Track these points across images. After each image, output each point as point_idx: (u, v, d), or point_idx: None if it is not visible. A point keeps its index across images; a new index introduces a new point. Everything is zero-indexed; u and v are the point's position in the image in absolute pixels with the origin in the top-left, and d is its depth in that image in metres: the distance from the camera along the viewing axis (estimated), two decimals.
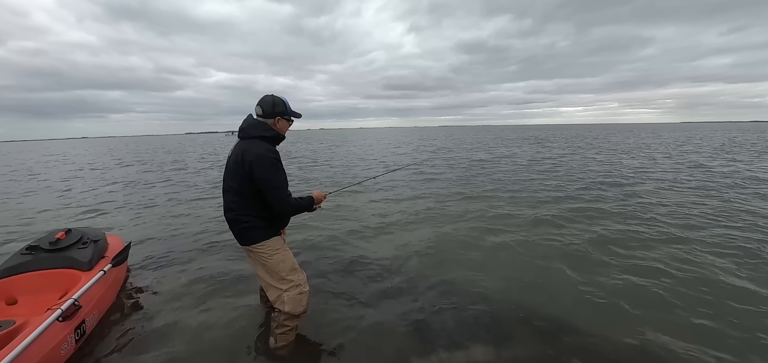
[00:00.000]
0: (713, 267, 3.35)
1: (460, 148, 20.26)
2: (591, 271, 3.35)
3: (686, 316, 2.60)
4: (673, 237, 4.20)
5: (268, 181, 2.00)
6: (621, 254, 3.72)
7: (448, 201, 6.46)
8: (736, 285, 3.02)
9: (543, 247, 3.99)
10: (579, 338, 2.38)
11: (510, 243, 4.13)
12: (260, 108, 2.12)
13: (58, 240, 2.88)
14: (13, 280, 2.57)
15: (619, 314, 2.64)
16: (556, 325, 2.53)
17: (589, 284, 3.09)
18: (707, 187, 7.12)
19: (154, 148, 33.29)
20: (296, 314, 2.17)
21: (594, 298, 2.87)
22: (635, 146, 18.96)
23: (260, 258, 2.15)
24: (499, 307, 2.77)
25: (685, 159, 12.43)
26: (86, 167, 15.66)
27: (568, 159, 13.17)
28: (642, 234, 4.33)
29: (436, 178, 9.18)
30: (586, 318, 2.59)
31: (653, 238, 4.17)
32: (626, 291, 2.96)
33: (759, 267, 3.34)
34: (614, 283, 3.10)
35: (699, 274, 3.22)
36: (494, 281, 3.19)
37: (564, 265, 3.49)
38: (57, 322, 2.05)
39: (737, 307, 2.69)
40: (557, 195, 6.75)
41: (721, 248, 3.81)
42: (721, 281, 3.08)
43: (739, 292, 2.89)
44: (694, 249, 3.81)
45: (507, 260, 3.67)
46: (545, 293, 2.96)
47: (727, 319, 2.55)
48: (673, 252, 3.73)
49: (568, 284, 3.11)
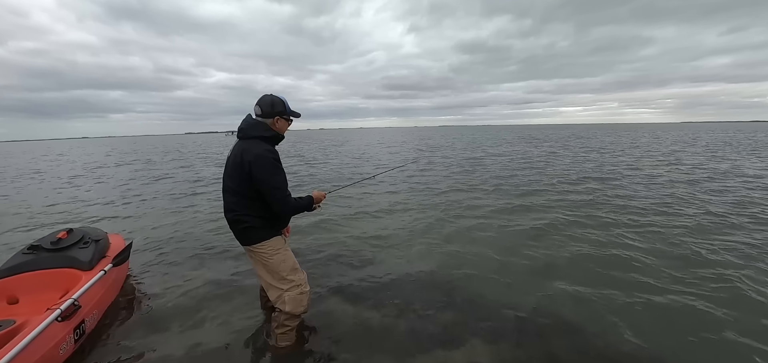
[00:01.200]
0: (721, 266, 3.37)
1: (460, 148, 20.27)
2: (591, 270, 3.36)
3: (686, 315, 2.61)
4: (670, 235, 4.22)
5: (267, 182, 2.00)
6: (621, 254, 3.72)
7: (448, 201, 6.46)
8: (740, 286, 3.04)
9: (543, 247, 3.99)
10: (579, 338, 2.38)
11: (510, 243, 4.14)
12: (259, 108, 2.11)
13: (60, 239, 2.89)
14: (14, 279, 2.58)
15: (619, 314, 2.64)
16: (556, 325, 2.53)
17: (590, 284, 3.09)
18: (698, 183, 7.16)
19: (155, 148, 33.32)
20: (297, 314, 2.18)
21: (594, 298, 2.87)
22: (638, 146, 18.99)
23: (261, 258, 2.15)
24: (499, 306, 2.77)
25: (694, 160, 12.44)
26: (87, 167, 15.67)
27: (581, 160, 13.17)
28: (644, 234, 4.34)
29: (435, 177, 9.18)
30: (586, 318, 2.60)
31: (654, 237, 4.17)
32: (626, 291, 2.96)
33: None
34: (614, 283, 3.10)
35: (699, 275, 3.23)
36: (494, 281, 3.20)
37: (565, 265, 3.50)
38: (56, 322, 2.05)
39: (736, 302, 2.70)
40: (559, 195, 6.76)
41: (727, 250, 3.83)
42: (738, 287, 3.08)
43: (738, 292, 2.91)
44: (698, 250, 3.82)
45: (507, 260, 3.66)
46: (545, 293, 2.96)
47: (728, 319, 2.56)
48: (672, 251, 3.75)
49: (568, 284, 3.11)
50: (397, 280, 3.23)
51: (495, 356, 2.22)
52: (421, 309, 2.74)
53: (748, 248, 3.80)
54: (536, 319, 2.60)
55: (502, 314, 2.66)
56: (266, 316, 2.60)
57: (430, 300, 2.87)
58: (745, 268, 3.32)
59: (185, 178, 10.93)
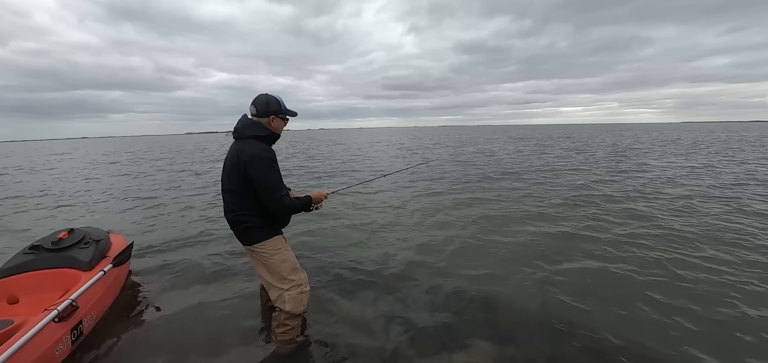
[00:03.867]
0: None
1: (466, 147, 20.26)
2: (591, 271, 3.36)
3: (685, 314, 2.61)
4: (671, 235, 4.22)
5: (261, 181, 2.00)
6: (621, 254, 3.72)
7: (447, 200, 6.46)
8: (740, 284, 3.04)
9: (544, 247, 3.99)
10: (580, 338, 2.38)
11: (510, 243, 4.13)
12: (254, 107, 2.11)
13: (61, 239, 2.88)
14: (14, 279, 2.57)
15: (619, 314, 2.64)
16: (557, 325, 2.53)
17: (590, 284, 3.09)
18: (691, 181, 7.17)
19: (155, 148, 33.28)
20: (297, 313, 2.17)
21: (594, 297, 2.86)
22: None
23: (261, 258, 2.15)
24: (499, 306, 2.77)
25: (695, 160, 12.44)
26: (88, 167, 15.65)
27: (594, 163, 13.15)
28: (643, 233, 4.34)
29: (436, 178, 9.17)
30: (587, 318, 2.59)
31: (653, 236, 4.18)
32: (626, 290, 2.96)
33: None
34: (615, 283, 3.10)
35: (699, 275, 3.23)
36: (494, 281, 3.19)
37: (565, 265, 3.49)
38: (53, 323, 2.04)
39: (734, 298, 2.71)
40: (562, 199, 6.74)
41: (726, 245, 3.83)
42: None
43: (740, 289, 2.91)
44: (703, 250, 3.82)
45: (507, 260, 3.66)
46: (546, 293, 2.95)
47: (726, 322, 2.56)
48: (672, 250, 3.74)
49: (569, 284, 3.10)
50: (398, 280, 3.22)
51: (496, 357, 2.21)
52: (422, 309, 2.73)
53: (746, 238, 3.81)
54: (537, 319, 2.59)
55: (503, 314, 2.66)
56: (266, 315, 2.60)
57: (430, 300, 2.87)
58: (746, 268, 3.32)
59: (186, 177, 10.92)
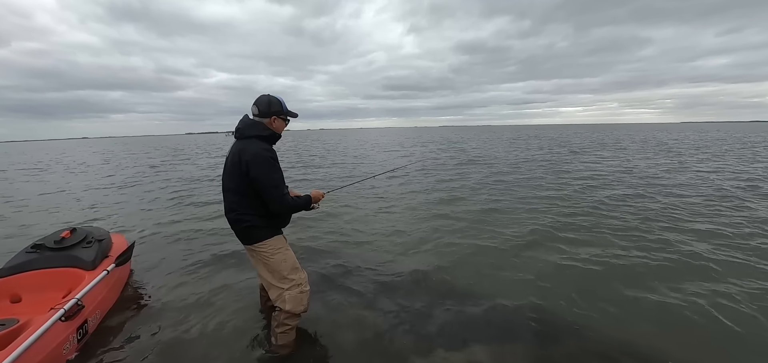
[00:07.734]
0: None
1: (461, 147, 20.26)
2: (591, 271, 3.38)
3: (685, 314, 2.63)
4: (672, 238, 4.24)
5: (263, 180, 2.02)
6: (621, 254, 3.74)
7: (447, 200, 6.48)
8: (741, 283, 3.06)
9: (544, 247, 4.01)
10: (580, 339, 2.40)
11: (510, 243, 4.15)
12: (256, 108, 2.13)
13: (63, 239, 2.90)
14: (17, 278, 2.59)
15: (619, 314, 2.66)
16: (556, 325, 2.55)
17: (590, 283, 3.11)
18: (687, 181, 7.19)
19: (155, 148, 33.26)
20: (297, 313, 2.19)
21: (594, 297, 2.88)
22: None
23: (262, 257, 2.17)
24: (499, 306, 2.79)
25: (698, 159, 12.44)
26: (89, 167, 15.67)
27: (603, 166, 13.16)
28: (644, 233, 4.36)
29: (435, 177, 9.19)
30: (587, 318, 2.61)
31: (654, 238, 4.20)
32: (626, 290, 2.98)
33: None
34: (615, 283, 3.12)
35: (698, 276, 3.25)
36: (494, 281, 3.21)
37: (565, 265, 3.52)
38: (59, 322, 2.07)
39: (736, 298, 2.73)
40: (562, 198, 6.75)
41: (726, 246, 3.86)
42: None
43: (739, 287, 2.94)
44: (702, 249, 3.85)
45: (506, 260, 3.68)
46: (546, 293, 2.98)
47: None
48: (671, 255, 3.77)
49: (569, 284, 3.12)
50: (398, 280, 3.25)
51: (496, 357, 2.23)
52: (421, 309, 2.76)
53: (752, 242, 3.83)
54: (537, 319, 2.61)
55: (502, 315, 2.68)
56: (266, 315, 2.62)
57: (430, 300, 2.89)
58: (745, 267, 3.34)
59: (187, 177, 10.94)
